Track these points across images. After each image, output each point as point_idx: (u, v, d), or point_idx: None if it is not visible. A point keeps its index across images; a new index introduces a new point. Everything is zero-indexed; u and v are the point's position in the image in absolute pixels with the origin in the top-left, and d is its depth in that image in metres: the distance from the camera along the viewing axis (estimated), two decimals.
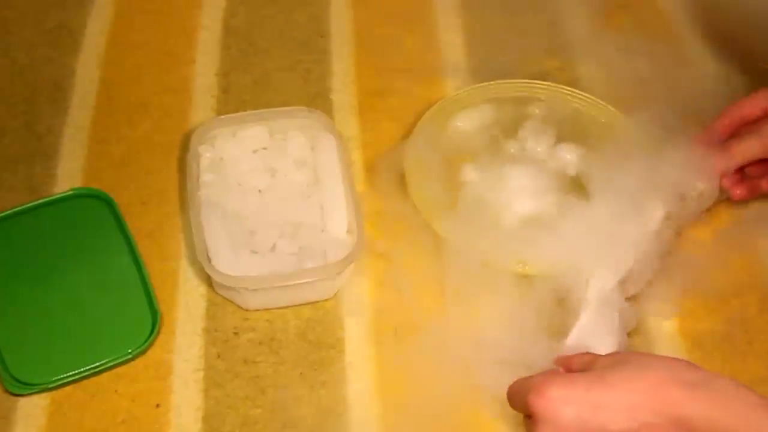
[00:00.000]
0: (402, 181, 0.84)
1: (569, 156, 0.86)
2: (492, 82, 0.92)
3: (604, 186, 0.82)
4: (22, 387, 0.74)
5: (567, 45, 0.99)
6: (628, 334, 0.77)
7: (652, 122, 0.89)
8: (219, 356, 0.77)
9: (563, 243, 0.80)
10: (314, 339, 0.78)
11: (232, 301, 0.79)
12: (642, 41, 0.99)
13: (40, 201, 0.84)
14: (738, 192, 0.82)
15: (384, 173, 0.87)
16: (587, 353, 0.70)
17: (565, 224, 0.81)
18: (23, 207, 0.84)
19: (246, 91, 0.94)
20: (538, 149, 0.87)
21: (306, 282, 0.77)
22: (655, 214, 0.80)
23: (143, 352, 0.76)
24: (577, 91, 0.91)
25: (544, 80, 0.92)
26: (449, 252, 0.80)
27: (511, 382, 0.67)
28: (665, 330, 0.79)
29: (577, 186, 0.84)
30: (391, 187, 0.86)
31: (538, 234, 0.80)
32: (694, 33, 1.00)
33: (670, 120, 0.90)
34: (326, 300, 0.80)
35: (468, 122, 0.89)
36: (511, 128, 0.88)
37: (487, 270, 0.80)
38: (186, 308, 0.79)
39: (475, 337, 0.77)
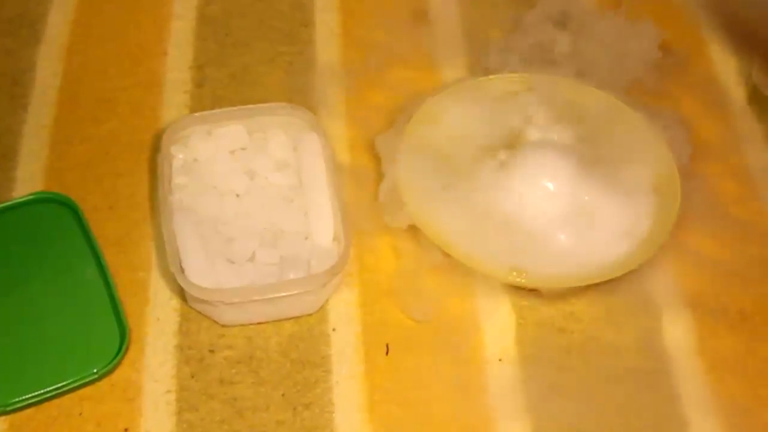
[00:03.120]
0: (394, 183, 0.84)
1: (572, 156, 0.86)
2: (491, 77, 0.92)
3: (609, 187, 0.83)
4: None
5: (573, 37, 0.99)
6: None
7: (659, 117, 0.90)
8: (193, 376, 0.77)
9: (564, 251, 0.81)
10: (297, 357, 0.78)
11: (207, 316, 0.79)
12: (652, 31, 0.99)
13: None
14: None
15: (373, 175, 0.87)
16: None
17: (567, 229, 0.81)
18: None
19: (222, 86, 0.94)
20: (541, 148, 0.86)
21: (288, 295, 0.77)
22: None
23: (110, 372, 0.76)
24: (583, 85, 0.91)
25: (547, 73, 0.92)
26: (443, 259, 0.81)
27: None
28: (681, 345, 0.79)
29: (580, 187, 0.84)
30: (382, 190, 0.86)
31: (537, 240, 0.81)
32: (710, 25, 1.00)
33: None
34: (310, 314, 0.80)
35: (464, 119, 0.89)
36: (511, 126, 0.88)
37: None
38: (157, 323, 0.79)
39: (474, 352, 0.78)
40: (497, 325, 0.79)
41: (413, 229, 0.82)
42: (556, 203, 0.82)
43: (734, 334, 0.80)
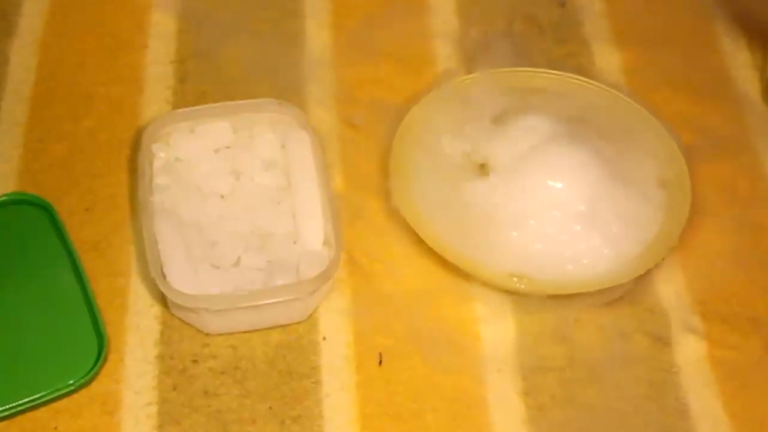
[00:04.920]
0: (387, 184, 0.85)
1: (576, 154, 0.86)
2: (491, 71, 0.92)
3: (615, 188, 0.84)
4: None
5: (579, 28, 0.99)
6: None
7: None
8: (175, 388, 0.77)
9: (567, 254, 0.81)
10: (285, 368, 0.78)
11: (190, 324, 0.79)
12: (665, 26, 1.00)
13: None
14: None
15: (366, 176, 0.87)
16: None
17: (570, 232, 0.82)
18: None
19: (206, 81, 0.94)
20: (543, 147, 0.87)
21: (275, 302, 0.77)
22: None
23: (87, 383, 0.76)
24: (588, 80, 0.91)
25: (552, 69, 0.92)
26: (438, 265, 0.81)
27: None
28: (691, 354, 0.79)
29: (585, 187, 0.84)
30: (375, 191, 0.86)
31: (538, 243, 0.81)
32: (723, 17, 1.01)
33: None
34: (299, 323, 0.80)
35: (462, 117, 0.89)
36: (511, 124, 0.88)
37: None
38: (137, 332, 0.79)
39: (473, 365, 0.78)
40: (496, 334, 0.79)
41: (408, 233, 0.82)
42: (559, 204, 0.82)
43: (747, 343, 0.80)
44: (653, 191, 0.84)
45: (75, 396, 0.76)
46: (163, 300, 0.80)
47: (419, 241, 0.82)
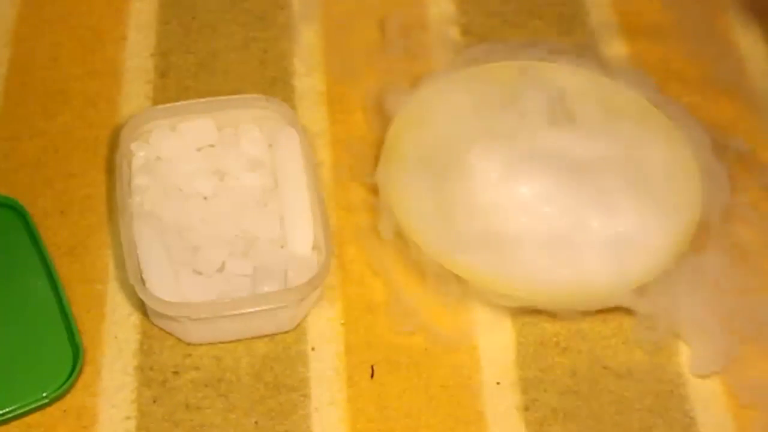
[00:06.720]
0: (380, 186, 0.85)
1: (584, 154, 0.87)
2: (491, 64, 0.92)
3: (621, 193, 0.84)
4: None
5: (585, 18, 0.99)
6: None
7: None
8: (155, 401, 0.76)
9: (570, 261, 0.81)
10: (272, 380, 0.78)
11: (171, 334, 0.79)
12: (676, 16, 1.00)
13: None
14: None
15: (358, 176, 0.87)
16: None
17: (575, 240, 0.82)
18: None
19: (188, 76, 0.94)
20: (544, 146, 0.87)
21: (262, 310, 0.77)
22: None
23: (62, 396, 0.76)
24: (583, 71, 0.91)
25: (554, 61, 0.92)
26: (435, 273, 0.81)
27: None
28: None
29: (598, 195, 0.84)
30: (368, 192, 0.86)
31: (540, 253, 0.81)
32: (738, 7, 1.01)
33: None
34: (287, 332, 0.80)
35: (460, 113, 0.89)
36: (508, 122, 0.88)
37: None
38: (115, 342, 0.79)
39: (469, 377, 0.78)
40: (495, 345, 0.79)
41: (403, 238, 0.82)
42: (564, 210, 0.82)
43: (757, 352, 0.80)
44: (661, 194, 0.84)
45: (49, 409, 0.75)
46: (142, 308, 0.80)
47: (415, 248, 0.81)
